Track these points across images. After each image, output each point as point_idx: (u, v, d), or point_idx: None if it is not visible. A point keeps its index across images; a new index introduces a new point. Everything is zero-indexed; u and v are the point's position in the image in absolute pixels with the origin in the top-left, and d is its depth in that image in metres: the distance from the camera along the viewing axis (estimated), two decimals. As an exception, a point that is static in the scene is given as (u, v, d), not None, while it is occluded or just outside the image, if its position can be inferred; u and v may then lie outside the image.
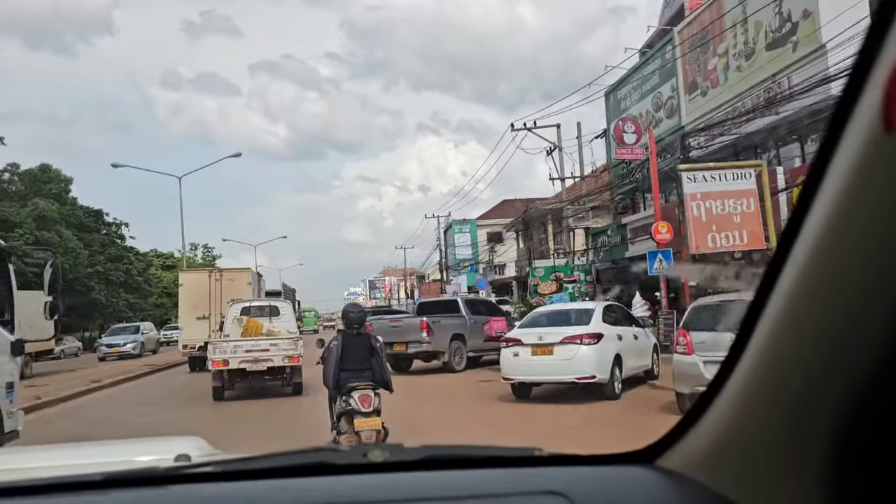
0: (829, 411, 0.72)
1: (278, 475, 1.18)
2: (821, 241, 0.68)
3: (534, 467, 1.24)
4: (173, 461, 1.43)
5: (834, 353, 0.69)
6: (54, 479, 1.19)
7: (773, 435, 0.85)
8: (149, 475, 1.22)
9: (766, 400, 0.85)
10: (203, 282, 19.93)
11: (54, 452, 2.25)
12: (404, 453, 1.23)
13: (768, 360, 0.82)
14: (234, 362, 13.29)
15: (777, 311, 0.78)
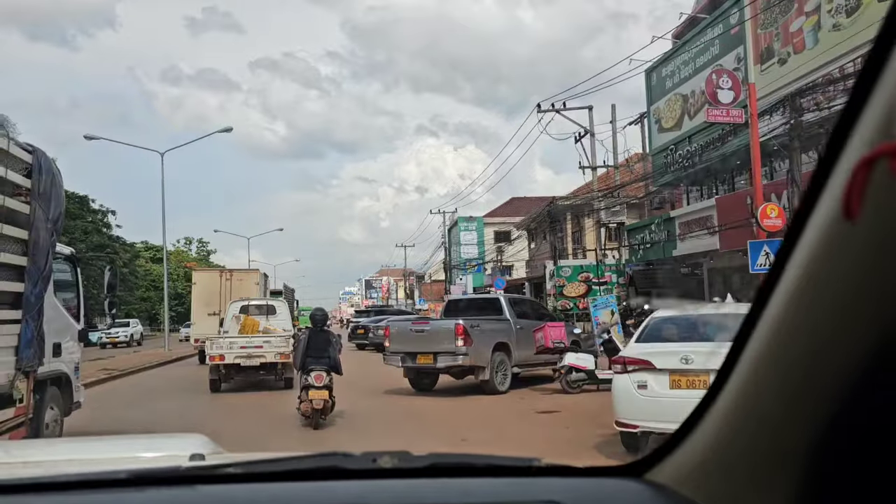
0: (804, 437, 0.77)
1: (292, 478, 1.23)
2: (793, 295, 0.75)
3: (533, 477, 1.28)
4: (189, 460, 1.49)
5: (809, 384, 0.75)
6: (82, 476, 1.25)
7: (755, 455, 0.88)
8: (172, 474, 1.27)
9: (750, 423, 0.89)
10: (215, 281, 21.33)
11: (67, 446, 2.52)
12: (412, 460, 1.26)
13: (752, 386, 0.86)
14: (229, 357, 13.98)
15: (759, 344, 0.83)
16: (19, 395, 6.35)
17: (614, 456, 7.06)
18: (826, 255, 0.69)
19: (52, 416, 7.34)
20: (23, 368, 6.35)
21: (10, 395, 6.19)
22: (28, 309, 6.37)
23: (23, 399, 6.42)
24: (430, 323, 14.23)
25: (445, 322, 13.18)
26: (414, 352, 12.86)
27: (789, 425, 0.80)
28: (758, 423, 0.87)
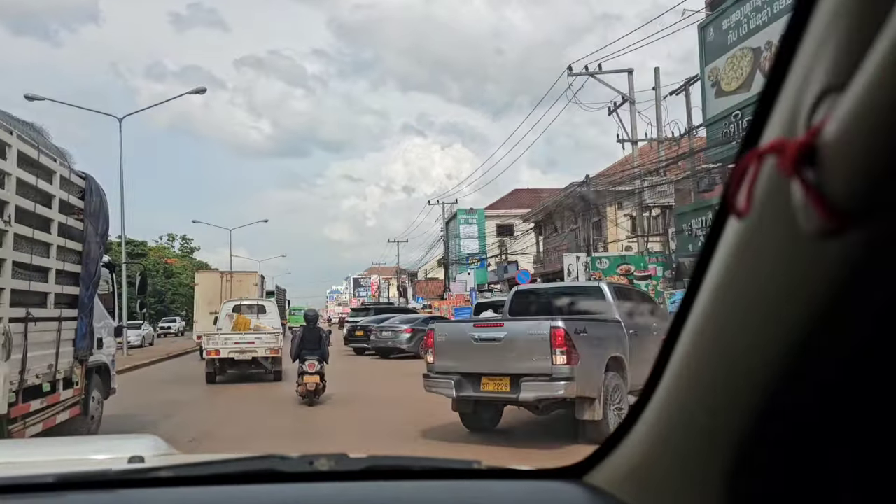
0: (732, 438, 0.77)
1: (228, 481, 1.22)
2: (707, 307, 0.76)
3: (471, 480, 1.29)
4: (127, 462, 1.45)
5: (732, 385, 0.75)
6: (4, 480, 1.21)
7: (685, 456, 0.88)
8: (101, 478, 1.23)
9: (678, 425, 0.89)
10: (216, 282, 22.99)
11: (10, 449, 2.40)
12: (349, 463, 1.26)
13: (679, 387, 0.87)
14: (224, 352, 15.57)
15: (684, 346, 0.84)
16: (76, 379, 7.71)
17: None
18: (733, 258, 0.69)
19: (95, 399, 8.69)
20: (79, 357, 7.72)
21: (70, 378, 7.54)
22: (83, 308, 7.72)
23: (78, 382, 7.78)
24: (505, 326, 8.13)
25: (532, 323, 7.71)
26: (477, 372, 7.77)
27: (713, 432, 0.80)
28: (686, 424, 0.87)
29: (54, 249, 6.96)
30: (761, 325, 0.68)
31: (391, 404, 11.46)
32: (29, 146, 6.36)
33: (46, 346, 6.87)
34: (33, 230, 6.42)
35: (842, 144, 0.50)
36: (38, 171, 6.56)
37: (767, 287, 0.66)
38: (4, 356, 5.82)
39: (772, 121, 0.63)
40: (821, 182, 0.52)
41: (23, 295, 6.24)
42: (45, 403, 6.90)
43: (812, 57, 0.56)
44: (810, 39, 0.57)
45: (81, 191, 7.79)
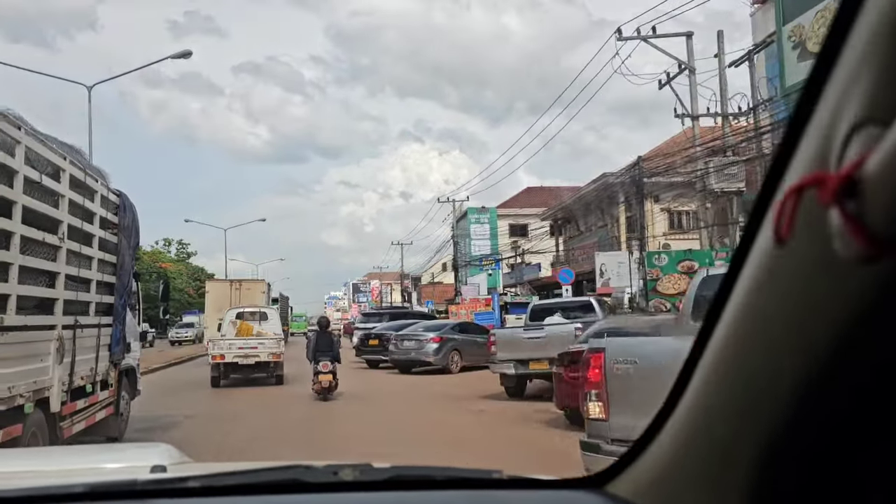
0: (754, 452, 0.78)
1: (253, 491, 1.23)
2: (735, 324, 0.79)
3: (492, 489, 1.30)
4: (150, 472, 1.49)
5: (757, 400, 0.77)
6: (37, 490, 1.24)
7: (708, 468, 0.89)
8: (130, 487, 1.25)
9: (700, 440, 0.90)
10: (225, 290, 24.06)
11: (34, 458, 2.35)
12: (373, 473, 1.26)
13: (704, 399, 0.88)
14: (228, 357, 16.49)
15: (710, 359, 0.85)
16: (111, 381, 8.37)
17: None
18: (766, 280, 0.71)
19: (124, 401, 9.33)
20: (114, 361, 8.37)
21: (107, 380, 8.19)
22: (117, 316, 8.38)
23: (113, 384, 8.44)
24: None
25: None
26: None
27: (735, 447, 0.81)
28: (708, 435, 0.88)
29: (95, 262, 7.62)
30: (787, 343, 0.69)
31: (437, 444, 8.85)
32: (77, 169, 7.03)
33: (89, 351, 7.52)
34: (80, 245, 7.08)
35: (885, 178, 0.52)
36: (84, 191, 7.22)
37: (796, 309, 0.67)
38: (59, 360, 6.47)
39: (800, 150, 0.65)
40: (860, 212, 0.54)
41: (71, 304, 6.89)
42: (87, 403, 7.55)
43: (844, 89, 0.57)
44: (842, 70, 0.59)
45: (116, 207, 8.45)
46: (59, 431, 6.60)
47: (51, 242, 6.32)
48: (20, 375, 5.69)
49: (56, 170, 6.49)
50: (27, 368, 5.86)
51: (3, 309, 5.40)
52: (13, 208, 5.50)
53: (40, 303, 6.26)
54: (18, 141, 5.58)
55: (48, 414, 6.34)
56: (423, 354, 18.68)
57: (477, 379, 16.08)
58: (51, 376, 6.33)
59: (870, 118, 0.54)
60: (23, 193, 5.62)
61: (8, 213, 5.44)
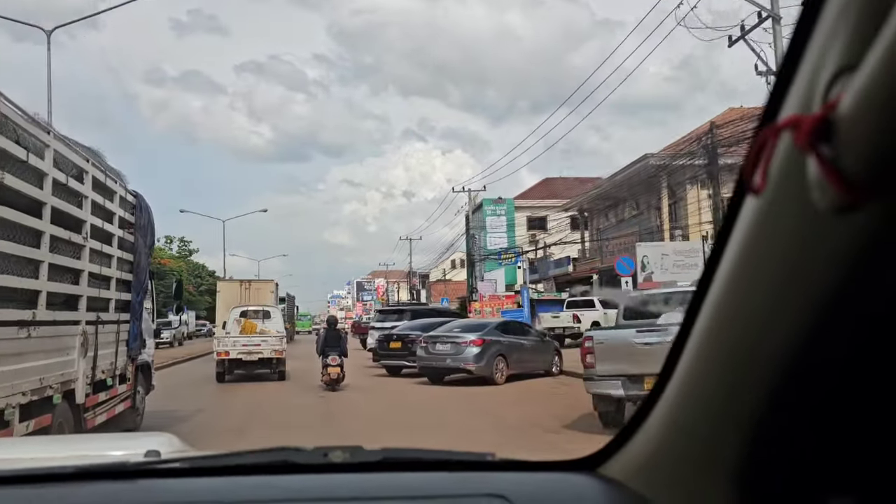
0: (736, 433, 0.79)
1: (242, 472, 1.24)
2: (721, 294, 0.77)
3: (483, 471, 1.30)
4: (144, 456, 1.48)
5: (745, 377, 0.75)
6: (26, 471, 1.27)
7: (698, 448, 0.90)
8: (118, 469, 1.27)
9: (692, 417, 0.91)
10: (236, 290, 24.69)
11: (31, 445, 2.40)
12: (363, 455, 1.27)
13: (692, 379, 0.89)
14: (233, 353, 17.23)
15: (698, 337, 0.85)
16: (129, 375, 8.66)
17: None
18: (750, 241, 0.69)
19: (140, 394, 9.62)
20: (131, 356, 8.66)
21: (125, 374, 8.49)
22: (134, 312, 8.67)
23: (130, 378, 8.73)
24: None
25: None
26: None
27: (725, 422, 0.80)
28: (700, 413, 0.88)
29: (115, 261, 7.91)
30: (777, 304, 0.67)
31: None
32: (99, 171, 7.31)
33: (109, 346, 7.81)
34: (101, 244, 7.37)
35: (857, 119, 0.50)
36: (104, 192, 7.51)
37: (782, 265, 0.65)
38: (83, 353, 6.76)
39: (789, 98, 0.63)
40: (836, 157, 0.52)
41: (94, 301, 7.18)
42: (108, 396, 7.84)
43: (828, 35, 0.56)
44: (826, 17, 0.58)
45: (133, 207, 8.74)
46: (84, 422, 6.89)
47: (76, 241, 6.61)
48: (49, 368, 5.98)
49: (80, 171, 6.78)
50: (55, 361, 6.14)
51: (35, 304, 5.69)
52: (43, 209, 5.79)
53: (67, 299, 6.55)
54: (48, 145, 5.87)
55: (73, 405, 6.63)
56: (462, 360, 15.01)
57: (531, 393, 13.41)
58: (76, 369, 6.62)
59: (849, 65, 0.53)
60: (52, 195, 5.91)
61: (38, 213, 5.73)
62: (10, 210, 5.16)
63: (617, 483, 1.12)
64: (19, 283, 5.43)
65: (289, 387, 16.16)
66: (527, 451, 10.88)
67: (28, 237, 5.58)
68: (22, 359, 5.44)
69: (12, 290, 5.37)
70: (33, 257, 5.66)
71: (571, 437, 8.59)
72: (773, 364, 0.70)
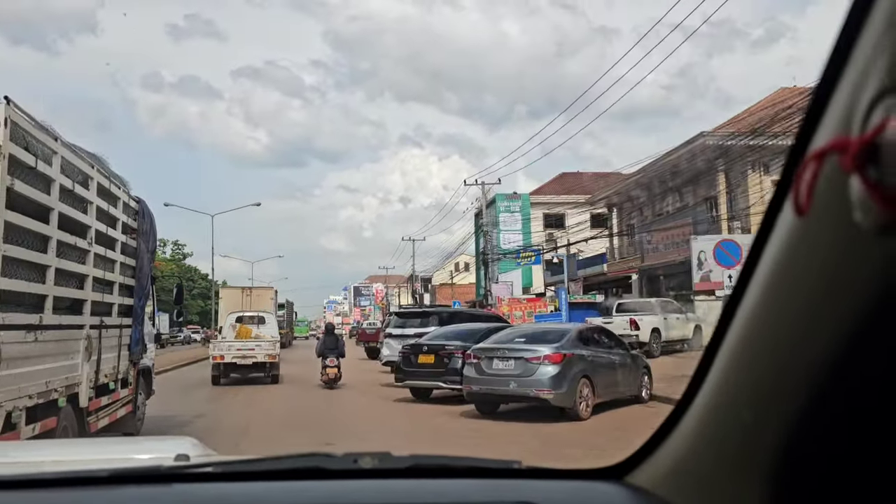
0: (773, 442, 0.78)
1: (274, 478, 1.25)
2: (757, 305, 0.77)
3: (511, 479, 1.30)
4: (174, 460, 1.49)
5: (777, 390, 0.76)
6: (63, 474, 1.29)
7: (727, 459, 0.90)
8: (152, 473, 1.30)
9: (721, 427, 0.91)
10: (237, 296, 26.38)
11: (61, 448, 2.44)
12: (392, 461, 1.27)
13: (723, 390, 0.88)
14: (228, 357, 17.84)
15: (729, 348, 0.85)
16: (131, 379, 8.74)
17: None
18: (787, 256, 0.69)
19: (140, 399, 9.69)
20: (133, 360, 8.74)
21: (127, 379, 8.56)
22: (136, 317, 8.75)
23: (132, 383, 8.81)
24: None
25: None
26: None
27: (759, 430, 0.80)
28: (729, 427, 0.88)
29: (118, 266, 8.00)
30: (812, 320, 0.68)
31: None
32: (103, 177, 7.41)
33: (112, 350, 7.89)
34: (105, 249, 7.45)
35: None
36: (108, 198, 7.60)
37: (821, 283, 0.66)
38: (87, 357, 6.84)
39: (825, 121, 0.63)
40: (881, 178, 0.53)
41: (98, 305, 7.27)
42: (110, 400, 7.91)
43: (868, 58, 0.57)
44: (865, 40, 0.58)
45: (135, 213, 8.83)
46: (87, 426, 6.96)
47: (81, 246, 6.69)
48: (55, 371, 6.06)
49: (85, 178, 6.87)
50: (61, 365, 6.22)
51: (42, 308, 5.78)
52: (50, 214, 5.88)
53: (72, 303, 6.63)
54: (55, 151, 5.97)
55: (77, 409, 6.71)
56: (534, 385, 10.47)
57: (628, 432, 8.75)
58: (80, 373, 6.70)
59: (893, 87, 0.53)
60: (59, 200, 6.00)
61: (46, 219, 5.82)
62: (19, 215, 5.26)
63: (644, 491, 1.12)
64: (27, 287, 5.52)
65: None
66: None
67: (36, 242, 5.67)
68: (29, 362, 5.52)
69: (20, 295, 5.45)
70: (41, 262, 5.75)
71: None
72: (807, 375, 0.70)
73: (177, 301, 12.12)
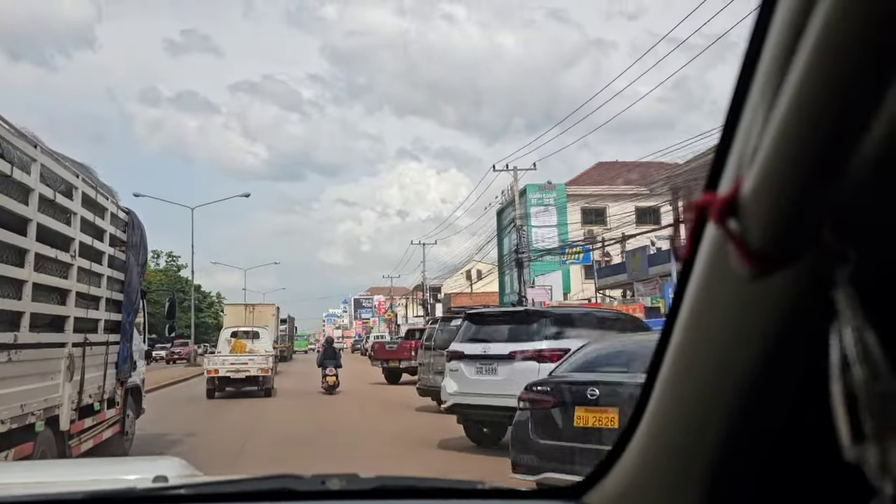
0: (702, 463, 0.85)
1: (245, 499, 1.30)
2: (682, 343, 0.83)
3: (476, 499, 1.35)
4: (152, 481, 1.51)
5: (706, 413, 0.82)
6: (38, 497, 1.33)
7: (666, 478, 0.95)
8: (126, 495, 1.31)
9: (661, 450, 0.95)
10: (241, 312, 27.62)
11: (42, 469, 2.42)
12: (359, 483, 1.30)
13: (661, 413, 0.93)
14: (222, 371, 18.09)
15: (665, 373, 0.89)
16: (118, 399, 8.33)
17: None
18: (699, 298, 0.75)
19: (129, 419, 9.28)
20: (120, 379, 8.34)
21: (113, 398, 8.16)
22: (124, 333, 8.36)
23: (119, 402, 8.40)
24: None
25: None
26: None
27: (691, 452, 0.86)
28: (668, 445, 0.93)
29: (105, 280, 7.62)
30: (722, 354, 0.76)
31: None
32: (89, 187, 7.05)
33: (97, 369, 7.50)
34: (90, 263, 7.08)
35: (756, 197, 0.55)
36: (95, 209, 7.24)
37: (721, 322, 0.74)
38: (69, 377, 6.45)
39: (725, 174, 0.67)
40: (744, 231, 0.56)
41: (81, 322, 6.88)
42: (95, 421, 7.51)
43: (752, 116, 0.60)
44: (751, 99, 0.61)
45: (125, 224, 8.47)
46: (68, 450, 6.56)
47: (63, 260, 6.33)
48: (32, 393, 5.67)
49: (69, 188, 6.52)
50: (39, 386, 5.84)
51: (17, 326, 5.40)
52: (28, 226, 5.51)
53: (52, 320, 6.25)
54: (34, 159, 5.61)
55: (57, 432, 6.31)
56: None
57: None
58: (61, 394, 6.31)
59: (755, 147, 0.56)
60: (38, 211, 5.64)
61: (23, 231, 5.45)
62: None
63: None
64: (0, 304, 5.14)
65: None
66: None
67: (11, 256, 5.30)
68: (1, 384, 5.14)
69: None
70: (16, 277, 5.38)
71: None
72: (728, 401, 0.78)
73: (169, 315, 11.71)
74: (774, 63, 0.55)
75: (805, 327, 0.65)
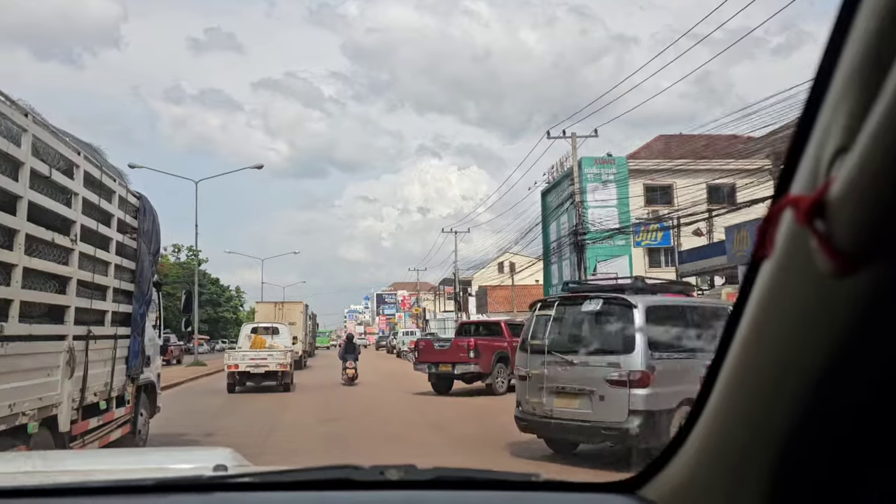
0: (765, 458, 0.82)
1: (306, 488, 1.32)
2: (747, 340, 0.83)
3: (531, 491, 1.35)
4: (212, 470, 1.54)
5: (767, 412, 0.81)
6: (110, 483, 1.38)
7: (726, 474, 0.93)
8: (194, 482, 1.38)
9: (720, 446, 0.94)
10: (270, 310, 29.21)
11: (105, 458, 2.69)
12: (417, 474, 1.31)
13: (722, 410, 0.91)
14: (242, 366, 18.47)
15: (726, 375, 0.89)
16: (128, 397, 7.76)
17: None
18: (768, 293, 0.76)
19: (142, 419, 8.72)
20: (131, 375, 7.76)
21: (123, 396, 7.59)
22: (135, 326, 7.78)
23: (130, 400, 7.82)
24: None
25: None
26: None
27: (756, 445, 0.84)
28: (729, 440, 0.91)
29: (112, 268, 7.04)
30: (790, 353, 0.75)
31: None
32: (93, 167, 6.47)
33: (103, 364, 6.92)
34: (95, 249, 6.50)
35: (847, 199, 0.57)
36: (100, 191, 6.65)
37: (794, 320, 0.73)
38: (69, 374, 5.87)
39: (799, 173, 0.68)
40: (831, 232, 0.59)
41: (84, 313, 6.30)
42: (101, 421, 6.94)
43: (831, 116, 0.62)
44: (829, 101, 0.63)
45: (136, 210, 7.89)
46: (69, 453, 5.98)
47: (62, 244, 5.74)
48: (23, 391, 5.07)
49: (69, 165, 5.93)
50: (32, 383, 5.24)
51: (5, 316, 4.80)
52: (18, 203, 4.92)
53: (49, 310, 5.67)
54: (25, 129, 5.01)
55: (56, 434, 5.73)
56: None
57: None
58: (59, 392, 5.72)
59: (844, 147, 0.58)
60: (29, 188, 5.05)
61: (12, 209, 4.86)
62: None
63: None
64: (-17, 290, 4.55)
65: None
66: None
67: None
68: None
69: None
70: (4, 260, 4.79)
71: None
72: (793, 399, 0.76)
73: (185, 309, 11.14)
74: (866, 59, 0.56)
75: (881, 330, 0.65)
